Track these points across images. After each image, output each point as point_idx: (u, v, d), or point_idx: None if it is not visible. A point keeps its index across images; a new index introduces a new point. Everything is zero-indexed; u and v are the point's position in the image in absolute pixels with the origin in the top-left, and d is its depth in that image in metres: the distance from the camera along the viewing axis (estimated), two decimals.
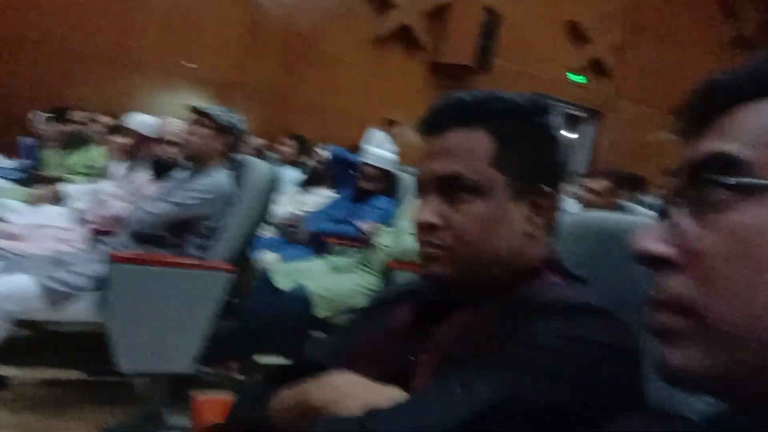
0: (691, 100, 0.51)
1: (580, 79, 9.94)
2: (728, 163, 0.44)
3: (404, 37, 8.35)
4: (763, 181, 0.43)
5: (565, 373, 0.69)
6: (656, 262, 0.46)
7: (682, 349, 0.45)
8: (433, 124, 0.87)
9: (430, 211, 0.84)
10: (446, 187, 0.84)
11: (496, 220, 0.84)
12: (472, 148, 0.84)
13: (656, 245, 0.46)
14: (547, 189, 0.87)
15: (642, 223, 0.93)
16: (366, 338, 0.94)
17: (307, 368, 0.87)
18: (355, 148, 6.51)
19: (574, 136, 10.71)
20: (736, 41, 11.15)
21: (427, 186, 0.86)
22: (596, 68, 10.01)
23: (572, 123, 10.67)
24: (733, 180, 0.43)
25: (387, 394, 0.74)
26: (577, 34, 9.70)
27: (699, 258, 0.44)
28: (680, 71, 10.66)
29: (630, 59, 10.28)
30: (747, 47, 11.25)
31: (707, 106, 0.49)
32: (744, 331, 0.42)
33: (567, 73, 9.79)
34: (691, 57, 10.72)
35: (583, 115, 10.52)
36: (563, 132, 10.52)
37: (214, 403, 1.10)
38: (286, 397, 0.82)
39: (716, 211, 0.44)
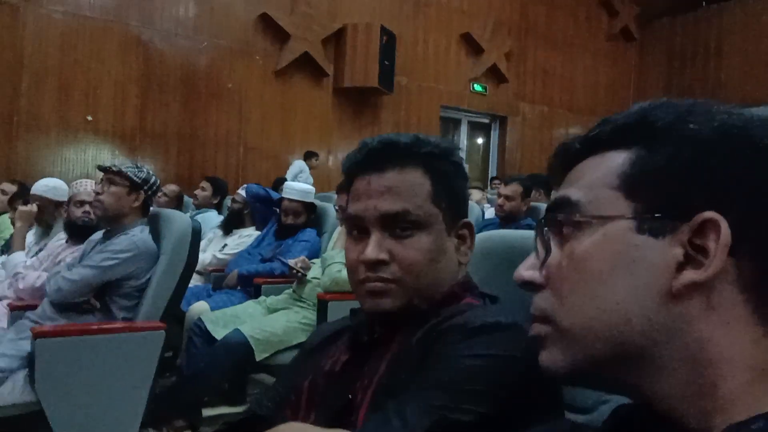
0: (553, 161, 0.65)
1: (480, 87, 10.32)
2: (564, 204, 0.58)
3: (306, 65, 8.43)
4: (586, 217, 0.56)
5: (484, 390, 0.76)
6: (528, 286, 0.60)
7: (548, 351, 0.58)
8: (370, 164, 0.93)
9: (377, 247, 0.89)
10: (390, 224, 0.90)
11: (438, 251, 0.91)
12: (413, 187, 0.91)
13: (527, 272, 0.60)
14: (466, 220, 0.96)
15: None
16: (306, 383, 0.98)
17: (255, 422, 0.90)
18: (274, 182, 6.53)
19: (481, 141, 11.09)
20: (617, 35, 11.89)
21: (368, 223, 0.91)
22: (494, 76, 10.43)
23: (479, 130, 11.05)
24: (561, 216, 0.58)
25: None
26: (471, 45, 10.09)
27: (552, 279, 0.58)
28: (571, 69, 11.30)
29: (523, 64, 10.77)
30: (628, 39, 12.04)
31: (562, 164, 0.63)
32: (586, 331, 0.55)
33: (472, 83, 10.14)
34: (578, 55, 11.39)
35: (487, 121, 10.91)
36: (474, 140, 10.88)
37: None
38: None
39: (564, 241, 0.58)
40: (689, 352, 0.52)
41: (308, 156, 7.91)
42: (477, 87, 10.31)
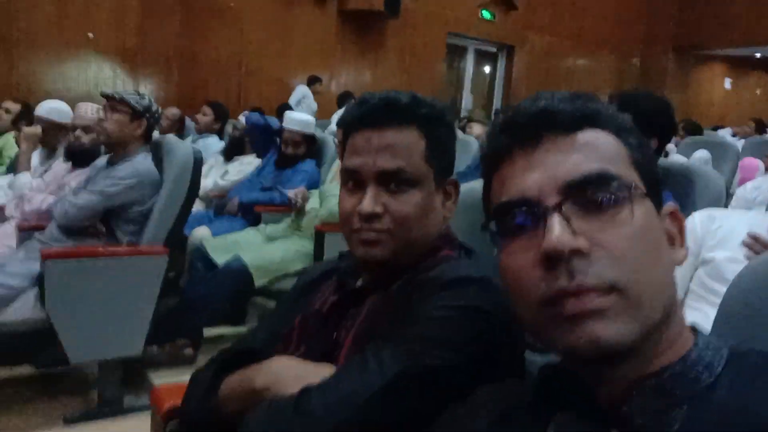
0: (523, 120, 0.63)
1: (488, 14, 10.10)
2: (611, 178, 0.59)
3: None
4: (641, 188, 0.59)
5: (453, 339, 0.85)
6: (574, 254, 0.55)
7: (612, 322, 0.54)
8: (370, 121, 0.97)
9: (373, 201, 0.95)
10: (386, 179, 0.96)
11: (428, 207, 0.98)
12: (409, 146, 0.96)
13: (572, 240, 0.56)
14: (453, 179, 1.03)
15: None
16: (297, 318, 1.07)
17: (249, 354, 0.99)
18: (278, 109, 6.51)
19: (487, 71, 10.95)
20: None
21: (365, 177, 0.96)
22: (503, 2, 10.17)
23: (485, 59, 10.88)
24: (624, 191, 0.58)
25: (319, 372, 0.88)
26: None
27: (607, 247, 0.56)
28: (580, 1, 11.00)
29: None
30: None
31: (545, 127, 0.62)
32: (652, 297, 0.57)
33: (480, 9, 9.91)
34: None
35: (494, 50, 10.73)
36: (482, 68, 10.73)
37: (172, 389, 1.21)
38: (232, 383, 0.95)
39: (610, 211, 0.57)
40: (677, 315, 0.61)
41: (311, 81, 7.84)
42: (485, 14, 10.09)
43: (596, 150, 0.61)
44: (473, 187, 1.25)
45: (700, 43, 11.57)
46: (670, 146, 5.04)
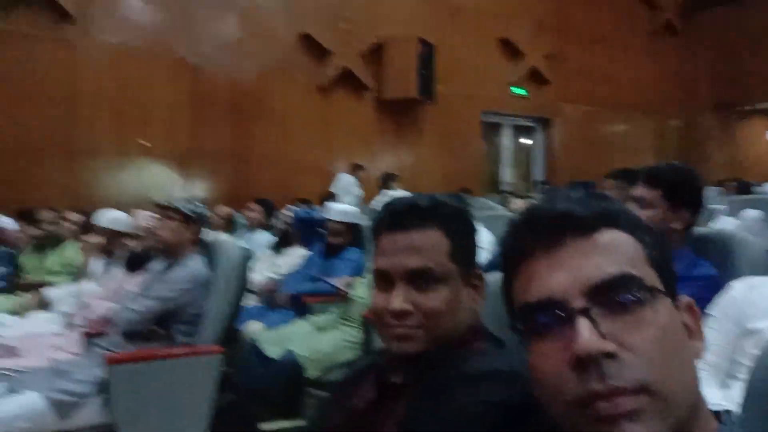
0: (544, 222, 0.68)
1: (521, 91, 10.34)
2: (633, 280, 0.62)
3: (347, 80, 8.64)
4: (661, 289, 0.63)
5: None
6: (604, 357, 0.58)
7: (645, 423, 0.57)
8: (395, 224, 1.06)
9: (402, 299, 1.02)
10: (413, 278, 1.03)
11: (455, 301, 1.05)
12: (434, 245, 1.04)
13: (602, 344, 0.58)
14: (477, 271, 1.09)
15: None
16: (337, 419, 1.13)
17: None
18: (320, 198, 6.73)
19: (529, 142, 11.09)
20: (660, 30, 11.71)
21: (394, 277, 1.03)
22: (535, 78, 10.43)
23: (522, 133, 11.06)
24: (645, 293, 0.62)
25: None
26: (510, 49, 10.12)
27: (634, 349, 0.59)
28: (613, 67, 11.19)
29: (564, 64, 10.73)
30: (671, 33, 11.83)
31: (566, 229, 0.66)
32: (681, 395, 0.59)
33: (510, 88, 10.18)
34: (620, 52, 11.27)
35: (531, 124, 10.91)
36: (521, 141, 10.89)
37: None
38: None
39: (634, 313, 0.60)
40: (702, 407, 0.64)
41: (354, 169, 8.09)
42: (518, 90, 10.33)
43: (616, 251, 0.65)
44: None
45: (740, 99, 11.52)
46: (718, 207, 4.96)
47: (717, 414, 0.67)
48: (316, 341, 2.96)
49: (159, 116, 7.53)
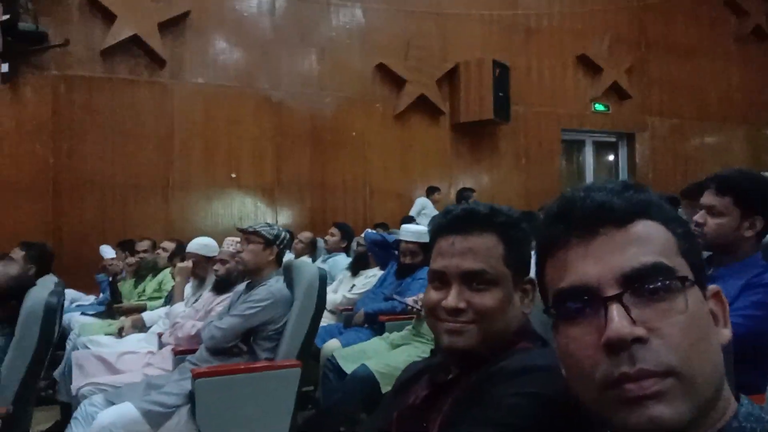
0: (580, 213, 0.71)
1: (601, 107, 10.14)
2: (665, 269, 0.66)
3: (423, 106, 8.78)
4: (691, 279, 0.66)
5: (518, 424, 0.95)
6: (635, 342, 0.62)
7: (670, 404, 0.61)
8: (454, 228, 1.13)
9: (457, 297, 1.09)
10: (468, 279, 1.09)
11: (507, 303, 1.11)
12: (489, 249, 1.11)
13: (633, 329, 0.62)
14: (530, 278, 1.16)
15: None
16: (395, 414, 1.21)
17: None
18: (402, 221, 6.86)
19: (611, 158, 10.82)
20: (748, 36, 11.18)
21: (450, 277, 1.10)
22: (615, 93, 10.18)
23: (605, 149, 10.80)
24: (676, 282, 0.65)
25: None
26: (588, 65, 9.96)
27: (664, 334, 0.63)
28: (699, 77, 10.76)
29: (646, 77, 10.44)
30: (761, 39, 11.26)
31: (602, 221, 0.69)
32: (705, 378, 0.63)
33: (593, 104, 10.00)
34: (706, 61, 10.83)
35: (613, 140, 10.64)
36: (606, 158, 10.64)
37: None
38: None
39: (665, 300, 0.64)
40: (724, 389, 0.67)
41: (430, 192, 8.19)
42: (598, 107, 10.13)
43: (649, 242, 0.68)
44: None
45: None
46: None
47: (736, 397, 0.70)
48: (389, 357, 3.05)
49: (246, 150, 7.92)
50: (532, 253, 1.17)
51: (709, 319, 0.68)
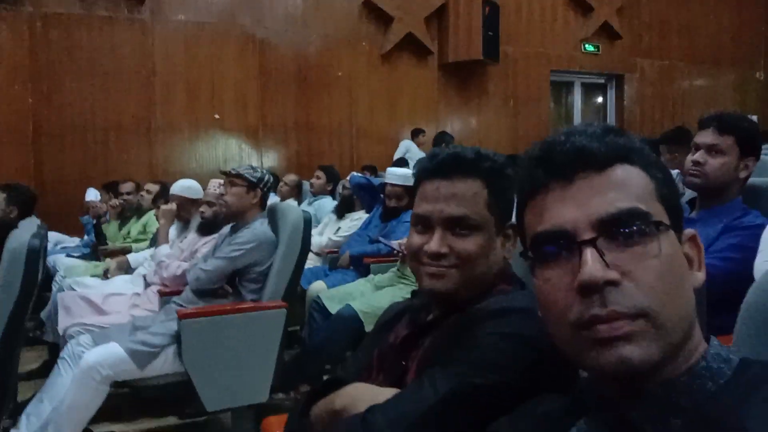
0: (559, 158, 0.70)
1: (591, 47, 10.00)
2: (640, 214, 0.66)
3: (410, 46, 8.61)
4: (666, 224, 0.67)
5: (497, 362, 0.97)
6: (607, 285, 0.63)
7: (641, 345, 0.62)
8: (440, 172, 1.12)
9: (440, 242, 1.09)
10: (451, 224, 1.09)
11: (489, 248, 1.11)
12: (474, 195, 1.10)
13: (606, 272, 0.63)
14: (512, 223, 1.16)
15: None
16: (376, 351, 1.23)
17: (338, 383, 1.16)
18: (394, 164, 6.82)
19: (600, 100, 10.76)
20: None
21: (434, 222, 1.10)
22: (606, 33, 10.04)
23: (593, 91, 10.72)
24: (651, 227, 0.65)
25: (386, 394, 1.02)
26: (579, 4, 9.77)
27: (636, 278, 0.63)
28: (690, 18, 10.61)
29: (636, 18, 10.27)
30: None
31: (580, 165, 0.69)
32: (677, 323, 0.64)
33: (582, 44, 9.86)
34: (696, 2, 10.65)
35: (602, 81, 10.55)
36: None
37: (281, 420, 1.39)
38: (319, 407, 1.12)
39: (639, 245, 0.65)
40: (695, 330, 0.68)
41: (415, 134, 8.12)
42: (588, 47, 9.99)
43: (627, 187, 0.68)
44: None
45: None
46: None
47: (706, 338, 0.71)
48: (374, 298, 3.08)
49: (229, 91, 7.78)
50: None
51: (683, 262, 0.69)
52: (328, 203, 4.98)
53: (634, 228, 0.65)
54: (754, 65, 11.20)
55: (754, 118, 9.56)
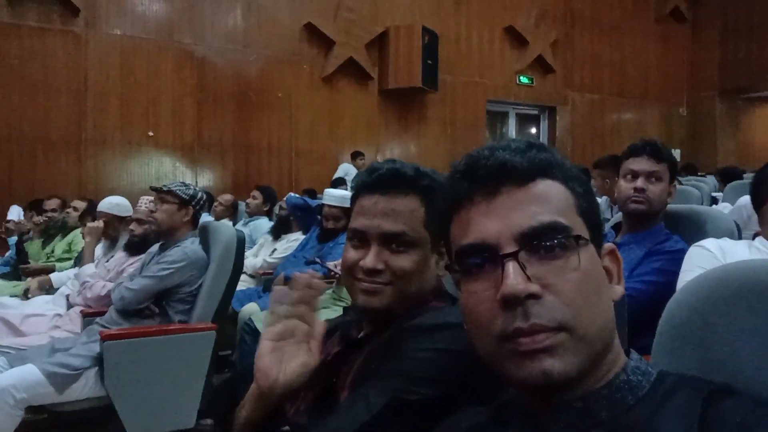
0: (483, 171, 0.71)
1: (526, 79, 10.34)
2: (559, 228, 0.67)
3: (351, 70, 8.69)
4: (586, 238, 0.69)
5: (430, 376, 0.97)
6: (529, 298, 0.64)
7: (561, 358, 0.63)
8: (378, 187, 1.10)
9: (375, 258, 1.07)
10: (388, 240, 1.08)
11: (423, 265, 1.11)
12: (411, 212, 1.09)
13: (527, 285, 0.64)
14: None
15: None
16: None
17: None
18: (324, 185, 6.80)
19: (533, 131, 11.09)
20: (667, 17, 11.62)
21: (370, 237, 1.09)
22: (540, 66, 10.42)
23: (527, 122, 11.06)
24: (571, 240, 0.67)
25: None
26: (515, 37, 10.11)
27: (557, 291, 0.65)
28: (620, 55, 11.15)
29: (569, 52, 10.71)
30: (679, 20, 11.74)
31: (503, 179, 0.70)
32: (597, 335, 0.66)
33: (518, 76, 10.17)
34: (627, 39, 11.22)
35: (536, 113, 10.90)
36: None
37: None
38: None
39: (560, 258, 0.66)
40: (614, 343, 0.70)
41: (354, 156, 8.15)
42: (523, 79, 10.33)
43: (548, 201, 0.69)
44: None
45: (746, 86, 11.42)
46: (718, 194, 4.99)
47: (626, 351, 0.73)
48: None
49: (165, 107, 7.63)
50: None
51: (603, 276, 0.71)
52: (265, 224, 4.91)
53: (555, 241, 0.67)
54: (679, 102, 11.82)
55: (677, 152, 10.12)
